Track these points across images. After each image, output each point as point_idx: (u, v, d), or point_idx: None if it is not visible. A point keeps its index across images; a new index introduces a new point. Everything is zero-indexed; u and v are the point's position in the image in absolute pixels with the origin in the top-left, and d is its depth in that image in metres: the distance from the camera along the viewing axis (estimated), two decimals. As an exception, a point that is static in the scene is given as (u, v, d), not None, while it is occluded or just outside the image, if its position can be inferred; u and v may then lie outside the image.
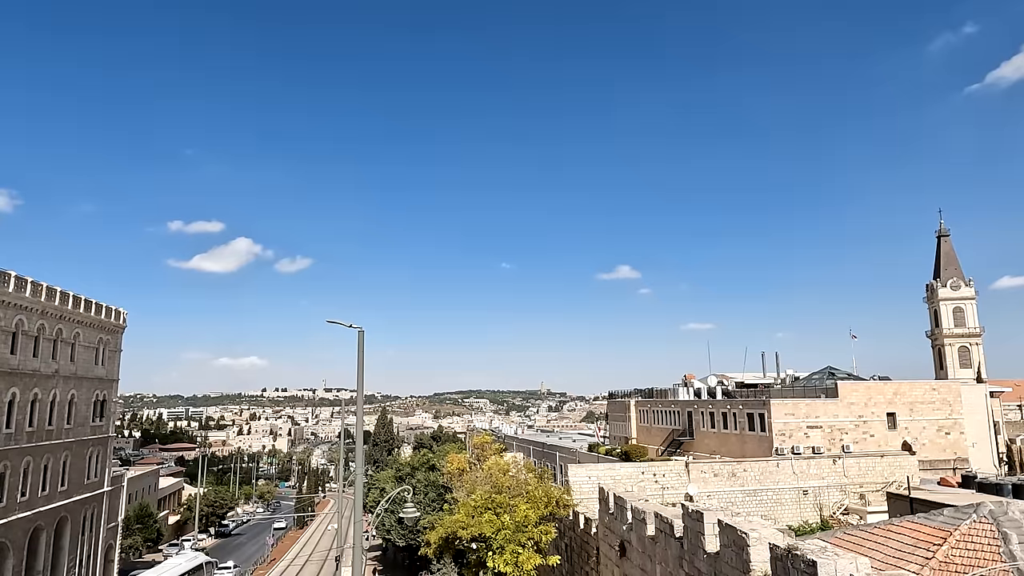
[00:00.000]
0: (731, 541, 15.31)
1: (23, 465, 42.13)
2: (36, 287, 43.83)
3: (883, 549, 18.36)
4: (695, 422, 60.87)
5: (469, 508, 32.00)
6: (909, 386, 52.62)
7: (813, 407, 50.37)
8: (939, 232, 78.70)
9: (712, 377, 68.61)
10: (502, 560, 29.46)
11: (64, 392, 47.38)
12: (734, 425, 54.18)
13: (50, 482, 45.45)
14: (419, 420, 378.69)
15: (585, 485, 37.78)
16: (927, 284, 78.77)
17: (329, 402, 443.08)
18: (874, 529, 20.41)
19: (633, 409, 76.83)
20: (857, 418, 50.55)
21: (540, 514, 30.84)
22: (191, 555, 57.02)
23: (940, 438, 51.15)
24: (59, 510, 46.54)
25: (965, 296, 75.83)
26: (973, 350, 74.30)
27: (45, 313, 44.83)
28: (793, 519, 40.18)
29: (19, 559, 41.69)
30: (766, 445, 49.11)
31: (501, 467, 36.37)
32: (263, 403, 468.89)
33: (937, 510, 20.29)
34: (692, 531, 17.64)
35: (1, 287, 40.20)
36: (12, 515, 40.73)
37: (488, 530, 30.11)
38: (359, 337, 20.81)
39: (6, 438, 40.46)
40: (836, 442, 49.29)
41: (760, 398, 53.15)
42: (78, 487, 49.75)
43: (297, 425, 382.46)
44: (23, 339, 42.57)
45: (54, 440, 45.92)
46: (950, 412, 51.80)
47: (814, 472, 42.19)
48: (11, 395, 41.08)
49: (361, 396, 21.32)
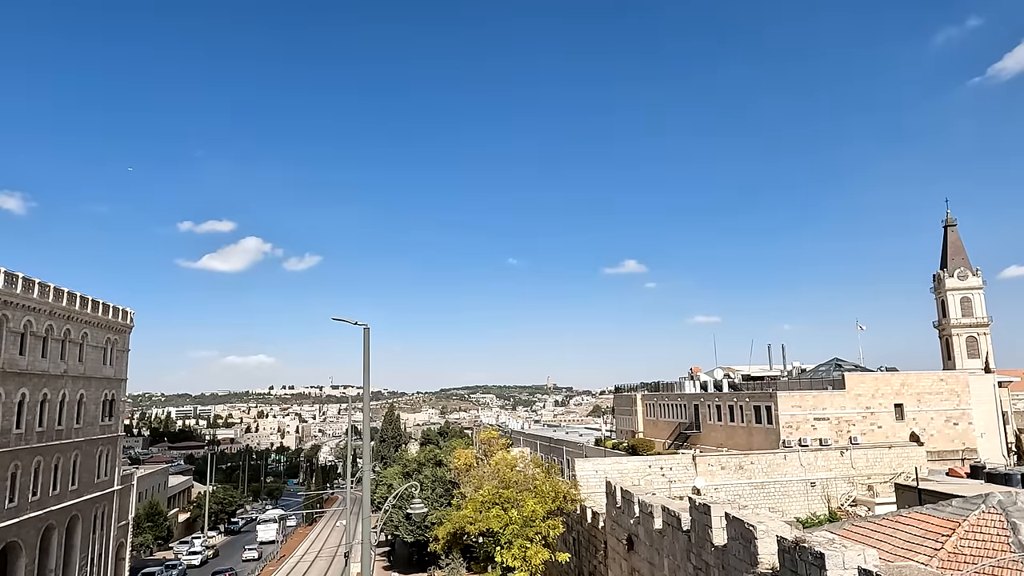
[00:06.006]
0: (738, 534, 15.32)
1: (34, 465, 42.43)
2: (44, 288, 44.05)
3: (892, 540, 18.33)
4: (702, 415, 60.83)
5: (477, 503, 32.12)
6: (916, 377, 52.42)
7: (820, 399, 50.27)
8: (946, 222, 78.22)
9: (718, 370, 68.50)
10: (510, 555, 29.58)
11: (73, 392, 47.66)
12: (741, 418, 54.12)
13: (61, 481, 45.76)
14: (426, 416, 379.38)
15: (592, 479, 37.85)
16: (934, 274, 78.37)
17: (336, 399, 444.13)
18: (882, 520, 20.38)
19: (640, 403, 76.81)
20: (864, 409, 50.41)
21: (547, 509, 30.93)
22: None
23: (948, 429, 50.98)
24: (70, 509, 46.87)
25: (972, 286, 75.41)
26: (981, 340, 73.91)
27: (53, 314, 45.07)
28: (801, 511, 40.18)
29: (31, 558, 42.05)
30: (773, 437, 49.05)
31: (508, 462, 36.47)
32: (271, 401, 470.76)
33: (946, 501, 20.25)
34: (699, 524, 17.65)
35: (9, 288, 40.42)
36: (24, 514, 41.05)
37: (496, 525, 30.22)
38: (365, 334, 20.86)
39: (16, 438, 40.74)
40: (843, 434, 49.19)
41: (767, 390, 53.06)
42: (88, 486, 50.10)
43: (305, 422, 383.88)
44: (32, 340, 42.82)
45: (64, 440, 46.21)
46: (958, 402, 51.60)
47: (821, 464, 42.14)
48: (21, 395, 41.34)
49: (368, 393, 21.39)
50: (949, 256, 76.99)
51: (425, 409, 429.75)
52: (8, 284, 40.49)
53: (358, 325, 21.07)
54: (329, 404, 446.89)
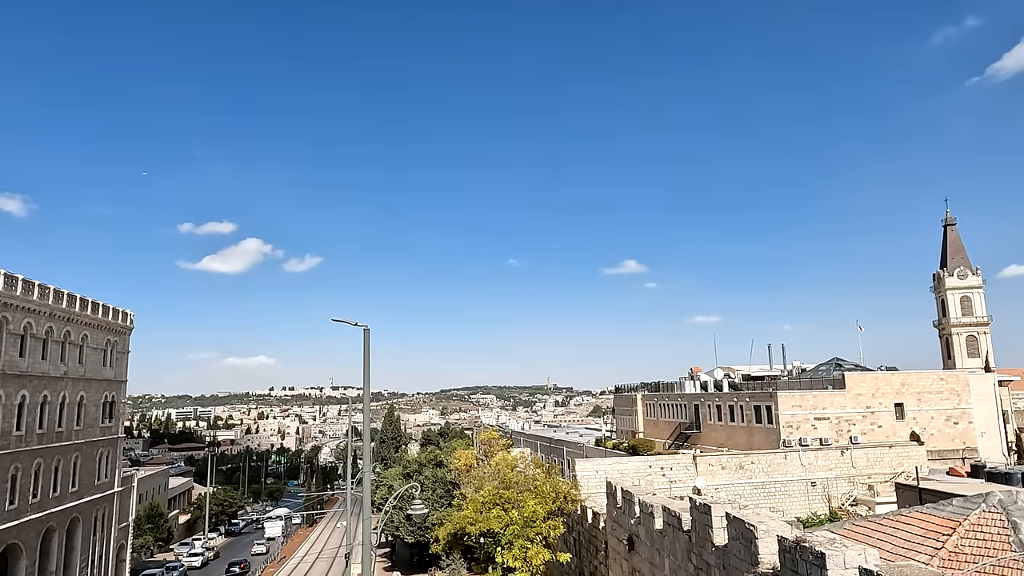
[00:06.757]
0: (739, 534, 15.32)
1: (34, 467, 42.43)
2: (44, 290, 44.06)
3: (892, 540, 18.33)
4: (702, 415, 60.83)
5: (477, 504, 32.10)
6: (917, 376, 52.42)
7: (820, 399, 50.27)
8: (945, 221, 78.19)
9: (719, 370, 68.48)
10: (511, 555, 29.57)
11: (73, 394, 47.66)
12: (741, 418, 54.11)
13: (61, 483, 45.76)
14: (426, 417, 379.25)
15: (593, 479, 37.85)
16: (934, 273, 78.35)
17: (336, 400, 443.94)
18: (883, 520, 20.38)
19: (640, 403, 76.79)
20: (865, 409, 50.41)
21: (548, 509, 30.91)
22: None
23: (948, 428, 50.98)
24: (70, 511, 46.86)
25: (972, 285, 75.39)
26: (981, 339, 73.89)
27: (53, 316, 45.07)
28: (801, 511, 40.17)
29: (32, 560, 42.05)
30: (773, 437, 49.04)
31: (508, 463, 36.45)
32: (271, 402, 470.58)
33: (946, 500, 20.25)
34: (700, 524, 17.65)
35: (9, 290, 40.43)
36: (24, 516, 41.05)
37: (496, 525, 30.20)
38: (365, 335, 20.87)
39: (17, 440, 40.74)
40: (844, 433, 49.19)
41: (767, 390, 53.07)
42: (89, 488, 50.09)
43: (305, 423, 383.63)
44: (32, 342, 42.83)
45: (64, 442, 46.21)
46: (958, 402, 51.59)
47: (822, 464, 42.12)
48: (21, 397, 41.34)
49: (368, 394, 21.40)
50: (949, 255, 76.97)
51: (425, 410, 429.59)
52: (8, 286, 40.50)
53: (358, 326, 21.09)
54: (329, 405, 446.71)
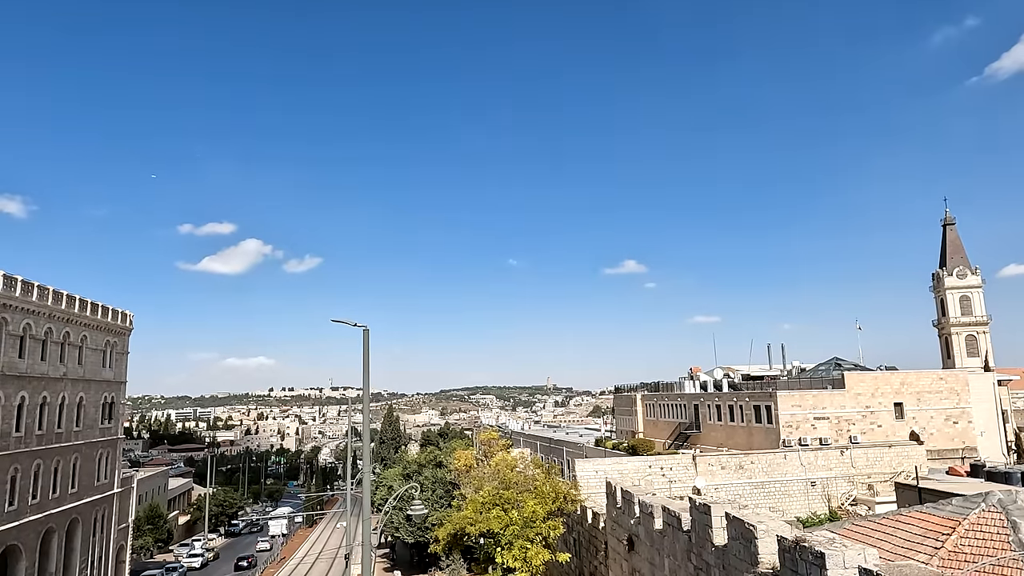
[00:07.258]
0: (739, 534, 15.32)
1: (34, 468, 42.40)
2: (43, 291, 44.03)
3: (892, 539, 18.34)
4: (702, 415, 60.85)
5: (477, 504, 32.10)
6: (916, 376, 52.45)
7: (820, 398, 50.29)
8: (945, 220, 78.24)
9: (718, 370, 68.53)
10: (511, 556, 29.58)
11: (72, 395, 47.63)
12: (741, 418, 54.13)
13: (61, 484, 45.72)
14: (426, 417, 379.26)
15: (592, 480, 37.86)
16: (933, 273, 78.41)
17: (336, 400, 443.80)
18: (882, 519, 20.39)
19: (639, 403, 76.81)
20: (864, 409, 50.44)
21: (548, 509, 30.92)
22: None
23: (948, 427, 51.01)
24: (70, 512, 46.82)
25: (971, 284, 75.44)
26: (980, 339, 73.94)
27: (52, 317, 45.05)
28: (801, 511, 40.19)
29: (31, 561, 42.01)
30: (773, 437, 49.06)
31: (508, 463, 36.45)
32: (270, 403, 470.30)
33: (946, 500, 20.26)
34: (700, 524, 17.65)
35: (8, 291, 40.40)
36: (24, 517, 41.01)
37: (496, 526, 30.21)
38: (364, 336, 20.87)
39: (16, 441, 40.71)
40: (843, 433, 49.21)
41: (767, 390, 53.10)
42: (88, 489, 50.06)
43: (304, 424, 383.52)
44: (31, 343, 42.80)
45: (64, 443, 46.18)
46: (958, 401, 51.63)
47: (822, 463, 42.14)
48: (20, 399, 41.31)
49: (367, 394, 21.40)
50: (948, 255, 77.02)
51: (425, 410, 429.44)
52: (7, 287, 40.46)
53: (357, 327, 21.09)
54: (329, 406, 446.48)
